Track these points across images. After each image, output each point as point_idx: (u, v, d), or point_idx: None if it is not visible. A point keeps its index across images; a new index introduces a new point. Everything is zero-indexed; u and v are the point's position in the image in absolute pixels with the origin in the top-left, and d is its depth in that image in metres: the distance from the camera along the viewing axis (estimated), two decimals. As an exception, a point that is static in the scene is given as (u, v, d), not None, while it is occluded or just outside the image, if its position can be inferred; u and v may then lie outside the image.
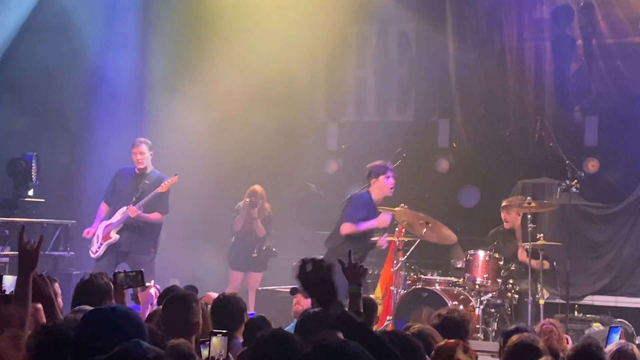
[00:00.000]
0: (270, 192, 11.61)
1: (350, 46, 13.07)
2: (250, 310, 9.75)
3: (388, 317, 9.90)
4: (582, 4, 11.64)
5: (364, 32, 13.06)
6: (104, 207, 10.14)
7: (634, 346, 4.81)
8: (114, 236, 9.88)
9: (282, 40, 12.31)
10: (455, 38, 12.32)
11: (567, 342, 6.45)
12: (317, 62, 13.00)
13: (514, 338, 5.21)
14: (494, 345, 6.68)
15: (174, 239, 11.17)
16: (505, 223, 10.14)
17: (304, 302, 7.35)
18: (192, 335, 4.81)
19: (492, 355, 6.51)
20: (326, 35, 12.73)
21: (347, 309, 3.74)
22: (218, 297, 5.66)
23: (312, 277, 3.74)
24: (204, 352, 4.33)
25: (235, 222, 11.47)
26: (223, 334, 4.20)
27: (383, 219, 9.50)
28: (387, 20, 12.83)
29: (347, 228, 9.44)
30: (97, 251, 9.89)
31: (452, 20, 12.31)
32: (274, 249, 11.50)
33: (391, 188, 9.56)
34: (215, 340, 4.19)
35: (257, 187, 11.42)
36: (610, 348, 4.83)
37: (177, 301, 5.10)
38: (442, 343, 4.61)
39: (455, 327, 5.47)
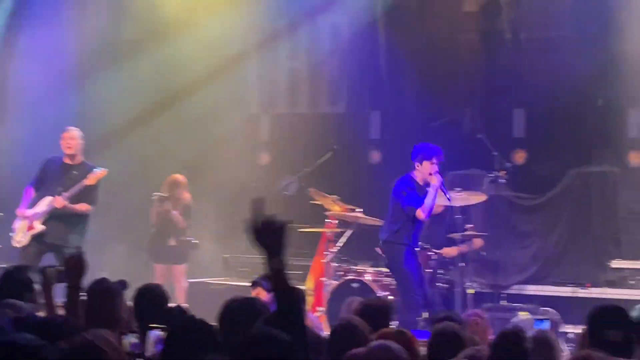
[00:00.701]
0: (201, 183, 11.55)
1: (282, 38, 13.06)
2: (181, 302, 9.71)
3: (319, 308, 9.95)
4: (510, -2, 11.82)
5: (296, 23, 13.05)
6: (30, 191, 9.93)
7: (552, 334, 4.91)
8: (39, 227, 9.72)
9: (214, 31, 12.28)
10: (386, 30, 12.41)
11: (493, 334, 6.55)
12: (249, 54, 12.98)
13: (438, 326, 5.28)
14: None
15: (106, 231, 11.03)
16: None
17: (263, 295, 7.31)
18: (116, 328, 4.79)
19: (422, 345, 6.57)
20: (258, 27, 12.73)
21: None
22: (140, 287, 5.63)
23: (267, 227, 3.78)
24: (125, 343, 4.33)
25: (150, 213, 11.34)
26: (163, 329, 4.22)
27: (434, 180, 9.07)
28: (319, 12, 12.84)
29: (421, 213, 9.02)
30: (20, 241, 9.73)
31: (383, 12, 12.39)
32: (193, 241, 11.31)
33: (431, 173, 9.10)
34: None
35: (177, 177, 11.23)
36: (529, 335, 4.92)
37: (102, 294, 5.08)
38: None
39: (375, 315, 5.52)
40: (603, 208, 10.67)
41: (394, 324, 6.03)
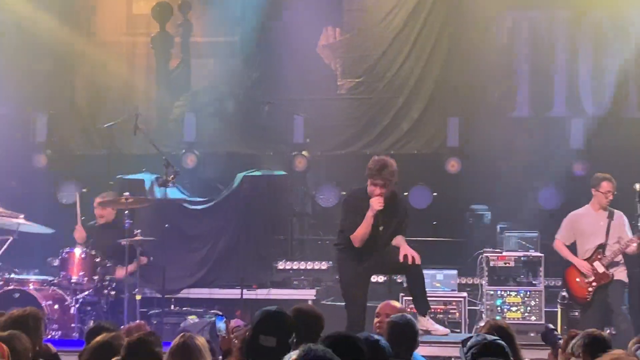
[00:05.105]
0: None
1: None
2: None
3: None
4: (180, 2, 11.89)
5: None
6: None
7: (197, 339, 4.92)
8: None
9: None
10: (60, 27, 12.03)
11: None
12: None
13: (98, 338, 5.26)
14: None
15: None
16: (100, 218, 10.02)
17: None
18: None
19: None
20: None
21: None
22: None
23: None
24: None
25: None
26: None
27: (373, 204, 7.76)
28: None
29: (354, 241, 7.93)
30: None
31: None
32: None
33: (375, 195, 7.80)
34: None
35: None
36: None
37: None
38: None
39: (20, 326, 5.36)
40: (270, 211, 10.95)
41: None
